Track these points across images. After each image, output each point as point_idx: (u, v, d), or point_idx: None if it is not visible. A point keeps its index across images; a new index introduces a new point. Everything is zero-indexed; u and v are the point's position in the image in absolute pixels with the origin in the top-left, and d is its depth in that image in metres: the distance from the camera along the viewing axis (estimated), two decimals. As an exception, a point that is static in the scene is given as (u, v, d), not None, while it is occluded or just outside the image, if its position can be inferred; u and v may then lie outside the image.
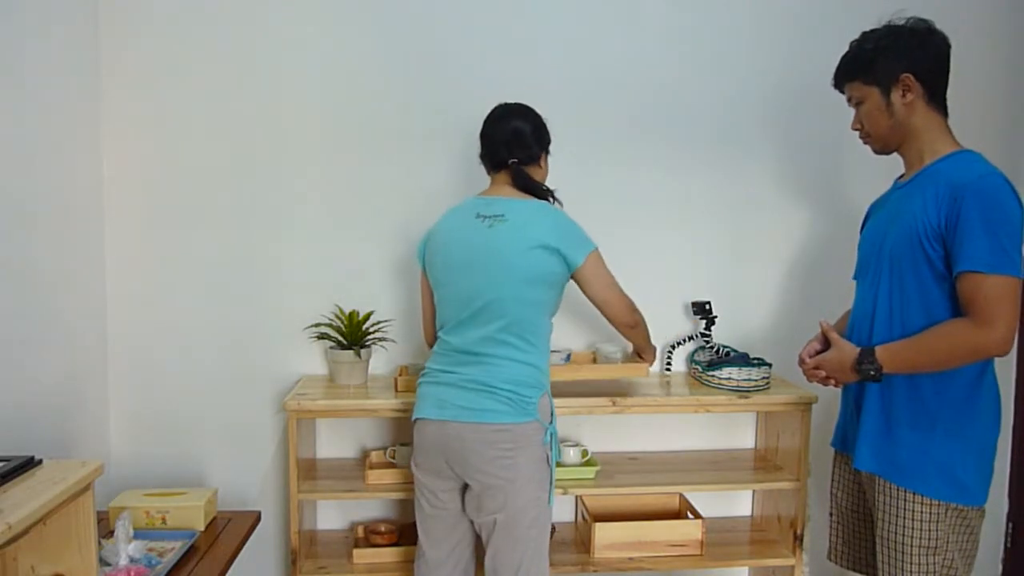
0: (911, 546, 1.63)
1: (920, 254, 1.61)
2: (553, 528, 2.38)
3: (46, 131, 2.03)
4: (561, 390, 2.19)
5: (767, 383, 2.32)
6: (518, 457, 1.77)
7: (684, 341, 2.55)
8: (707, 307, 2.50)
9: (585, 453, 2.36)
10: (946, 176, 1.60)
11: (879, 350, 1.64)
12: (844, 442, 1.85)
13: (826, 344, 1.78)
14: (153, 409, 2.42)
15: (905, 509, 1.64)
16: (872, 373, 1.64)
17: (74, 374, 2.19)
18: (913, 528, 1.63)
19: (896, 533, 1.65)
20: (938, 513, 1.62)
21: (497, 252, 1.80)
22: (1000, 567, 2.73)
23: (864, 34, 1.73)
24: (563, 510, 2.55)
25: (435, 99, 2.42)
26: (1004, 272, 1.51)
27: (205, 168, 2.37)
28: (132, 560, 1.81)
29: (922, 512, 1.62)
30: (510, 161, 1.89)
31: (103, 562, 1.77)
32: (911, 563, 1.63)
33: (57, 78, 2.09)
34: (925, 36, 1.67)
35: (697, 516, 2.40)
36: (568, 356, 2.36)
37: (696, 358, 2.49)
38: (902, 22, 1.69)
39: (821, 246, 2.58)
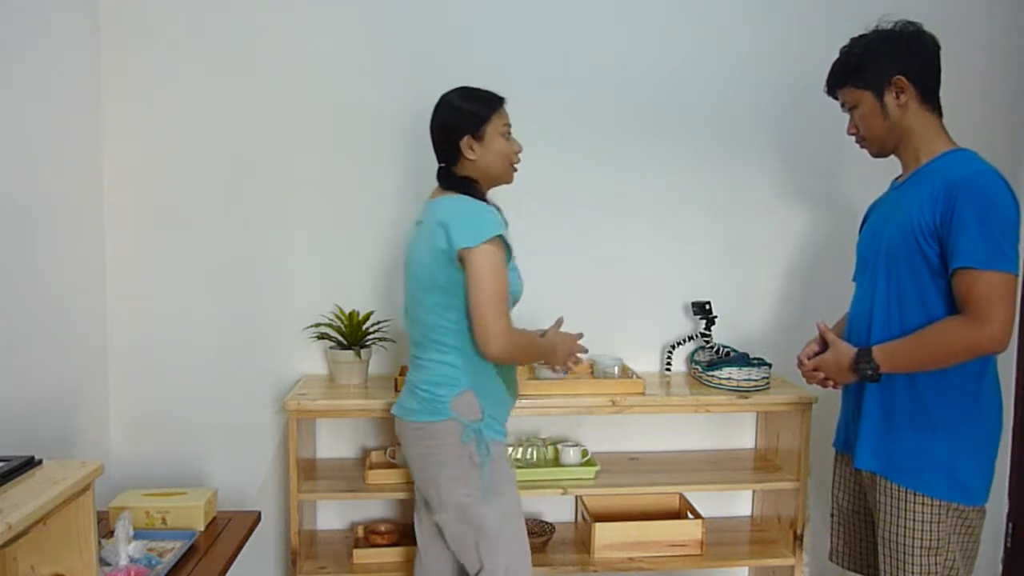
0: (912, 546, 1.63)
1: (916, 252, 1.61)
2: (552, 528, 2.39)
3: (46, 133, 2.03)
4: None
5: (767, 383, 2.32)
6: (436, 455, 1.77)
7: (684, 341, 2.55)
8: (707, 307, 2.50)
9: (585, 453, 2.36)
10: (941, 174, 1.61)
11: (876, 350, 1.64)
12: (846, 443, 1.85)
13: (824, 346, 1.78)
14: (153, 409, 2.42)
15: (906, 509, 1.64)
16: (869, 373, 1.64)
17: (74, 374, 2.19)
18: (914, 528, 1.63)
19: (897, 533, 1.65)
20: (939, 513, 1.62)
21: (408, 261, 1.86)
22: (1000, 567, 2.73)
23: (853, 40, 1.74)
24: (563, 510, 2.55)
25: (434, 99, 2.42)
26: (998, 268, 1.52)
27: (205, 168, 2.37)
28: (132, 560, 1.81)
29: (923, 512, 1.62)
30: (439, 166, 1.88)
31: (103, 562, 1.77)
32: (912, 563, 1.63)
33: (57, 79, 2.09)
34: (915, 38, 1.68)
35: (697, 516, 2.40)
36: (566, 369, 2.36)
37: (696, 358, 2.49)
38: (890, 25, 1.70)
39: (821, 246, 2.58)
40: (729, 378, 2.30)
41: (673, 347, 2.55)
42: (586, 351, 1.97)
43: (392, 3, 2.38)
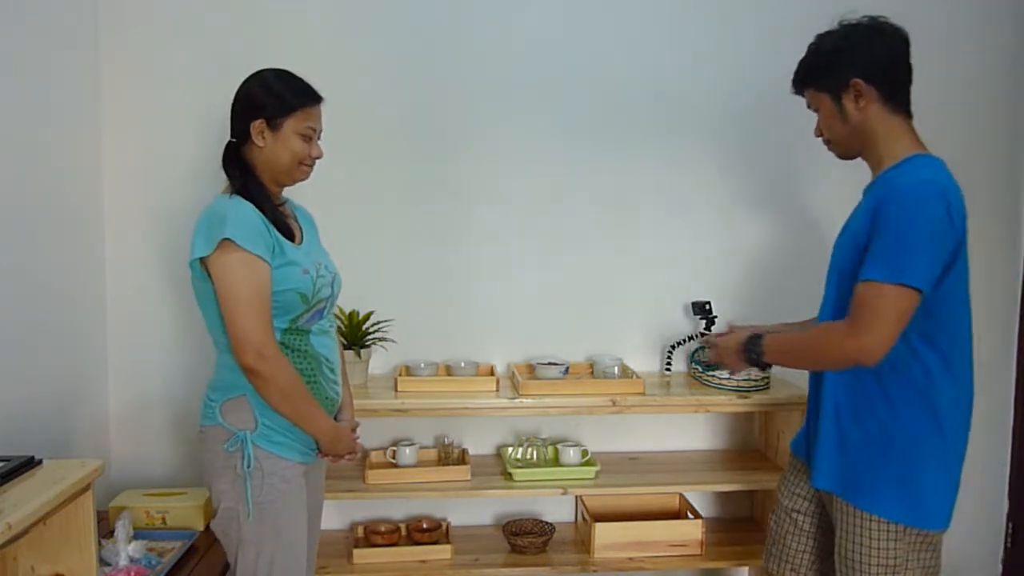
0: (870, 565, 1.59)
1: (860, 267, 1.54)
2: (552, 528, 2.39)
3: (46, 131, 2.03)
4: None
5: (767, 383, 2.32)
6: (208, 462, 1.66)
7: (684, 341, 2.55)
8: (707, 307, 2.50)
9: (585, 453, 2.36)
10: (890, 184, 1.55)
11: (767, 338, 1.67)
12: (797, 448, 1.83)
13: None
14: (153, 409, 2.42)
15: (863, 528, 1.60)
16: (754, 358, 1.69)
17: (74, 374, 2.19)
18: (871, 548, 1.59)
19: (854, 551, 1.61)
20: (896, 533, 1.58)
21: None
22: (1000, 567, 2.73)
23: (818, 36, 1.67)
24: (563, 510, 2.56)
25: (431, 98, 2.42)
26: (897, 282, 1.45)
27: (205, 168, 2.36)
28: (132, 560, 1.81)
29: (879, 532, 1.58)
30: (228, 140, 1.72)
31: (103, 562, 1.77)
32: None
33: (57, 77, 2.09)
34: (874, 37, 1.58)
35: (697, 516, 2.40)
36: (566, 369, 2.36)
37: (696, 358, 2.49)
38: (854, 22, 1.62)
39: (821, 246, 2.57)
40: (729, 378, 2.30)
41: (673, 347, 2.54)
42: (358, 452, 1.81)
43: (393, 7, 2.38)
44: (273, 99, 1.66)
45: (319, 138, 1.76)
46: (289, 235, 1.68)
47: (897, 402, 1.58)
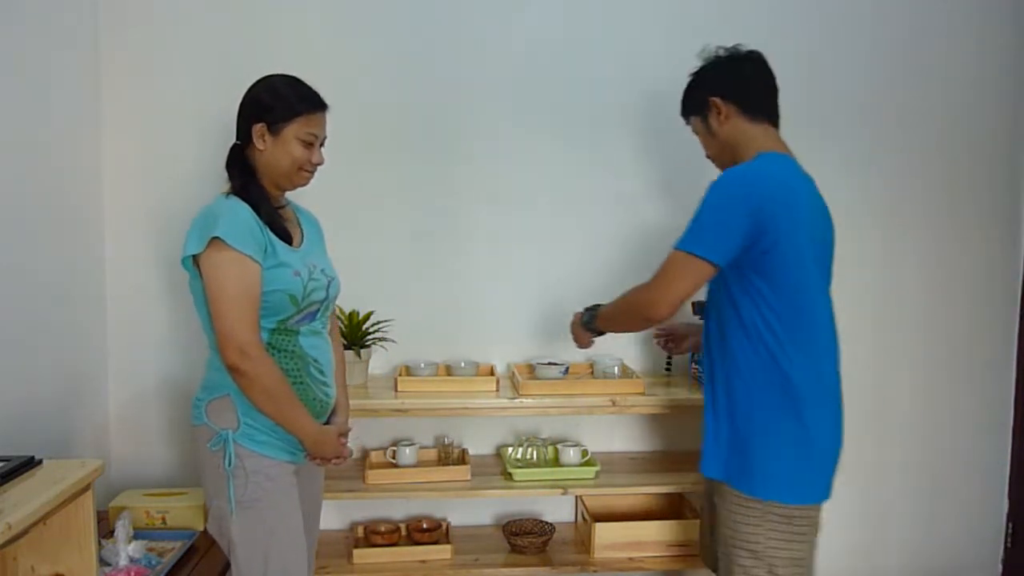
0: (736, 547, 1.64)
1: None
2: (552, 528, 2.39)
3: (46, 131, 2.03)
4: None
5: (767, 383, 2.32)
6: (198, 461, 1.68)
7: (684, 341, 2.55)
8: (707, 307, 2.50)
9: (585, 453, 2.36)
10: None
11: (603, 307, 1.90)
12: None
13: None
14: (153, 409, 2.42)
15: (731, 509, 1.65)
16: (586, 320, 1.94)
17: (74, 374, 2.19)
18: (736, 528, 1.64)
19: (724, 532, 1.68)
20: (758, 512, 1.61)
21: None
22: (1000, 567, 2.73)
23: (689, 73, 1.84)
24: (563, 510, 2.56)
25: (431, 98, 2.42)
26: (687, 249, 1.62)
27: (205, 168, 2.36)
28: (132, 560, 1.82)
29: (743, 511, 1.63)
30: (234, 142, 1.74)
31: (103, 562, 1.78)
32: (736, 564, 1.65)
33: (57, 77, 2.09)
34: (727, 61, 1.77)
35: (697, 516, 2.40)
36: (566, 369, 2.36)
37: (697, 358, 2.48)
38: (711, 54, 1.80)
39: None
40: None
41: (673, 347, 2.54)
42: (347, 457, 1.77)
43: (391, 6, 2.38)
44: (276, 103, 1.68)
45: (322, 145, 1.76)
46: (286, 237, 1.68)
47: (752, 377, 1.65)
